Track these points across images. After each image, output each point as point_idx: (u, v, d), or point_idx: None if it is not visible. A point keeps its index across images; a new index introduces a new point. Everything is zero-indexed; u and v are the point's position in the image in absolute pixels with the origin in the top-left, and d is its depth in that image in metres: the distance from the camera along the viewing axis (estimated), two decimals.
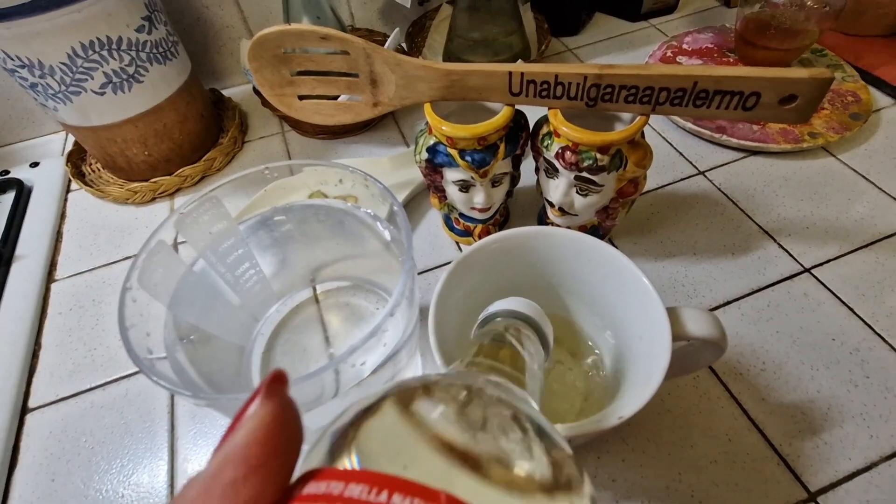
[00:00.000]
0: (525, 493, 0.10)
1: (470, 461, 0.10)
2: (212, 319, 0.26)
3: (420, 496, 0.08)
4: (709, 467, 0.26)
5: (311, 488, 0.09)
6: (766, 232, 0.36)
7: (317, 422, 0.22)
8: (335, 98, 0.31)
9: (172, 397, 0.31)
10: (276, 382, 0.10)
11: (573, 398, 0.27)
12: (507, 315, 0.20)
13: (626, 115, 0.29)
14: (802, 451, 0.26)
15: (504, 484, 0.10)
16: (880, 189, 0.38)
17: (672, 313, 0.21)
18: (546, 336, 0.20)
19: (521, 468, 0.11)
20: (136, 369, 0.33)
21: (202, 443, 0.29)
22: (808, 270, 0.34)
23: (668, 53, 0.51)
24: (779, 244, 0.35)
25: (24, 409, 0.32)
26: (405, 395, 0.12)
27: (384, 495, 0.08)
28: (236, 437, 0.09)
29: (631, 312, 0.24)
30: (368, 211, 0.27)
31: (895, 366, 0.29)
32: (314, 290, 0.32)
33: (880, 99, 0.45)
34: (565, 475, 0.11)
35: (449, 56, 0.49)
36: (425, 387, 0.12)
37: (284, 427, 0.09)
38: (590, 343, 0.28)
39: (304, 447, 0.10)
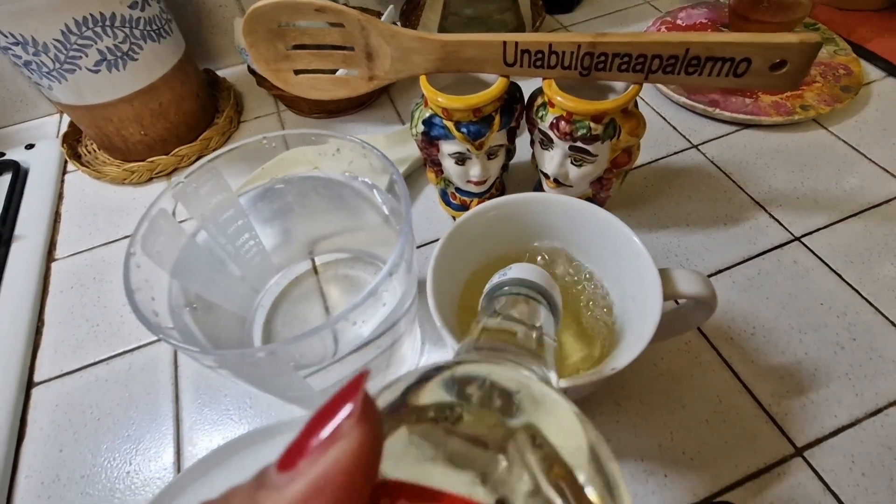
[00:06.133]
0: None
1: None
2: (214, 289, 0.27)
3: None
4: (699, 426, 0.27)
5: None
6: (758, 203, 0.37)
7: (319, 384, 0.23)
8: (332, 72, 0.31)
9: (176, 369, 0.32)
10: (366, 391, 0.09)
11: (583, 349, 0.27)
12: (515, 284, 0.19)
13: (619, 86, 0.29)
14: (790, 409, 0.27)
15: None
16: (870, 160, 0.39)
17: (663, 273, 0.22)
18: (556, 302, 0.19)
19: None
20: (139, 343, 0.33)
21: (206, 412, 0.30)
22: (798, 239, 0.34)
23: (663, 29, 0.51)
24: (770, 214, 0.36)
25: (29, 384, 0.32)
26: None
27: None
28: (330, 458, 0.08)
29: (625, 273, 0.24)
30: (366, 180, 0.28)
31: (881, 328, 0.30)
32: (313, 262, 0.33)
33: (871, 72, 0.45)
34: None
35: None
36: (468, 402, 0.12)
37: (379, 453, 0.08)
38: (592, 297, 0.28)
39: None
